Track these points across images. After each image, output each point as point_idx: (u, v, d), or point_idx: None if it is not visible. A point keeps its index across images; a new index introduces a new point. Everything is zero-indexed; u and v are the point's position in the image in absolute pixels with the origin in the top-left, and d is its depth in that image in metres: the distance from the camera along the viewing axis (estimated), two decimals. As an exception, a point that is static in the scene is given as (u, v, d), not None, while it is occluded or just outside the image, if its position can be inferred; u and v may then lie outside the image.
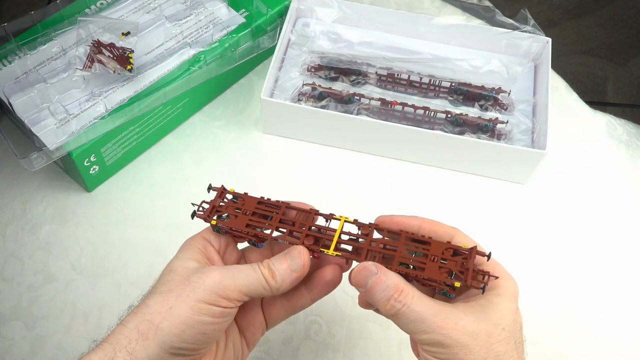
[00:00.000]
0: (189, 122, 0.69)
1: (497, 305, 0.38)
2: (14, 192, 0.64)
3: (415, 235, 0.42)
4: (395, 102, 0.66)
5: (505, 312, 0.38)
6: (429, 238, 0.41)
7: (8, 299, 0.58)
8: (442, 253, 0.40)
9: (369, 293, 0.39)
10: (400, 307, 0.37)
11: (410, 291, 0.38)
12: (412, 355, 0.42)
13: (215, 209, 0.43)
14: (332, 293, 0.43)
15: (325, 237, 0.42)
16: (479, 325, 0.37)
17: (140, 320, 0.37)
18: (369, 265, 0.39)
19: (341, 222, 0.43)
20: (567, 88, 0.74)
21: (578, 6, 1.61)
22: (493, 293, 0.39)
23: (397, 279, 0.38)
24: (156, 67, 0.63)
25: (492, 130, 0.65)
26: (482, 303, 0.38)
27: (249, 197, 0.44)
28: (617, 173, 0.68)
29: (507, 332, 0.37)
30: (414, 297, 0.37)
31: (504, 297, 0.38)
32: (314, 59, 0.70)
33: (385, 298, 0.38)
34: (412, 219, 0.43)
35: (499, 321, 0.37)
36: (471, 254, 0.39)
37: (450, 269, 0.39)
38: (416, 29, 0.72)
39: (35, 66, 0.61)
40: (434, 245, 0.40)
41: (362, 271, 0.39)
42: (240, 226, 0.42)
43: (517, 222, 0.64)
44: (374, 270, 0.39)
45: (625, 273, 0.62)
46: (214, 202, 0.44)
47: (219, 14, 0.68)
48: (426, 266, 0.39)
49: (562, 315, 0.59)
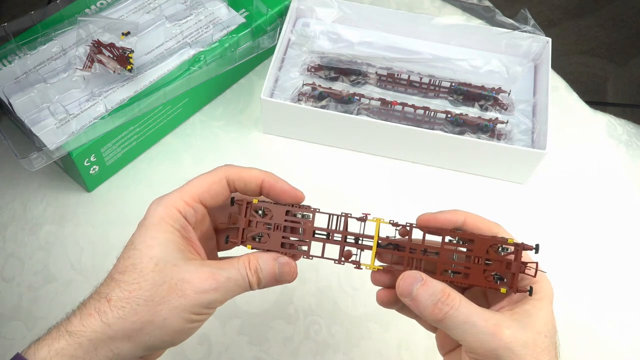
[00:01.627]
0: (189, 122, 0.69)
1: (540, 310, 0.37)
2: (14, 192, 0.64)
3: (458, 233, 0.40)
4: (395, 102, 0.66)
5: (547, 318, 0.37)
6: (471, 234, 0.40)
7: (8, 299, 0.58)
8: (487, 252, 0.39)
9: (415, 301, 0.38)
10: (448, 310, 0.36)
11: (457, 296, 0.37)
12: (412, 355, 0.42)
13: (245, 230, 0.40)
14: (332, 293, 0.43)
15: (362, 246, 0.41)
16: (526, 334, 0.36)
17: (130, 328, 0.35)
18: (414, 272, 0.38)
19: (377, 226, 0.41)
20: (567, 88, 0.74)
21: (578, 6, 1.61)
22: (535, 298, 0.38)
23: (443, 284, 0.38)
24: (156, 67, 0.63)
25: (492, 130, 0.65)
26: (527, 309, 0.37)
27: (275, 208, 0.41)
28: (617, 173, 0.68)
29: (549, 339, 0.37)
30: (462, 300, 0.37)
31: (544, 302, 0.38)
32: (314, 59, 0.70)
33: (432, 303, 0.37)
34: (455, 214, 0.41)
35: (542, 328, 0.37)
36: (517, 254, 0.38)
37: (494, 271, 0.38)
38: (416, 29, 0.72)
39: (35, 66, 0.61)
40: (478, 243, 0.39)
41: (407, 279, 0.38)
42: (276, 247, 0.40)
43: (517, 222, 0.64)
44: (419, 277, 0.38)
45: (625, 272, 0.62)
46: (242, 222, 0.40)
47: (219, 14, 0.68)
48: (470, 271, 0.39)
49: (562, 314, 0.59)
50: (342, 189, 0.66)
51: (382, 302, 0.43)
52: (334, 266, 0.60)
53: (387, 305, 0.43)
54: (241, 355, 0.56)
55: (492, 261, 0.39)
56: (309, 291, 0.59)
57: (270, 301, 0.58)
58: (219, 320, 0.57)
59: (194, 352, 0.56)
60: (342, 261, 0.41)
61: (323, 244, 0.41)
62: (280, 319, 0.58)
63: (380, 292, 0.42)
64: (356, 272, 0.60)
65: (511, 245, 0.39)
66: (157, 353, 0.39)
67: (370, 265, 0.41)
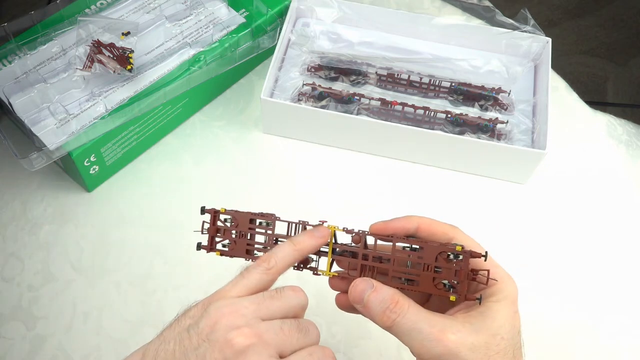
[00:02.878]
0: (189, 122, 0.69)
1: (497, 312, 0.38)
2: (14, 192, 0.64)
3: (407, 241, 0.41)
4: (395, 102, 0.66)
5: (504, 320, 0.37)
6: (420, 242, 0.40)
7: (8, 299, 0.58)
8: (436, 259, 0.39)
9: (367, 308, 0.38)
10: (395, 317, 0.37)
11: (405, 302, 0.38)
12: (412, 355, 0.42)
13: (214, 238, 0.43)
14: (332, 293, 0.42)
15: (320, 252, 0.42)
16: (477, 337, 0.36)
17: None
18: (365, 280, 0.39)
19: (331, 233, 0.42)
20: (567, 88, 0.74)
21: (578, 6, 1.61)
22: (492, 300, 0.38)
23: (393, 291, 0.38)
24: (156, 67, 0.63)
25: (492, 130, 0.65)
26: (482, 311, 0.38)
27: (240, 215, 0.43)
28: (617, 173, 0.68)
29: (506, 341, 0.37)
30: (410, 307, 0.37)
31: (502, 303, 0.38)
32: (314, 59, 0.70)
33: (381, 310, 0.38)
34: (408, 221, 0.42)
35: (498, 330, 0.37)
36: (465, 261, 0.38)
37: (444, 278, 0.39)
38: (416, 29, 0.72)
39: (35, 66, 0.61)
40: (427, 251, 0.39)
41: (359, 286, 0.39)
42: (241, 254, 0.42)
43: (517, 222, 0.64)
44: (370, 284, 0.39)
45: (625, 272, 0.62)
46: (211, 231, 0.43)
47: (219, 14, 0.68)
48: (420, 278, 0.39)
49: (562, 314, 0.59)
50: (342, 189, 0.66)
51: (341, 306, 0.43)
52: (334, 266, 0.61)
53: (346, 309, 0.43)
54: (241, 355, 0.56)
55: (442, 268, 0.39)
56: (309, 291, 0.59)
57: (270, 301, 0.58)
58: (219, 320, 0.57)
59: (194, 352, 0.56)
60: (300, 267, 0.42)
61: None
62: (280, 319, 0.58)
63: (338, 297, 0.43)
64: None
65: (460, 253, 0.39)
66: None
67: (326, 271, 0.42)
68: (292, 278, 0.60)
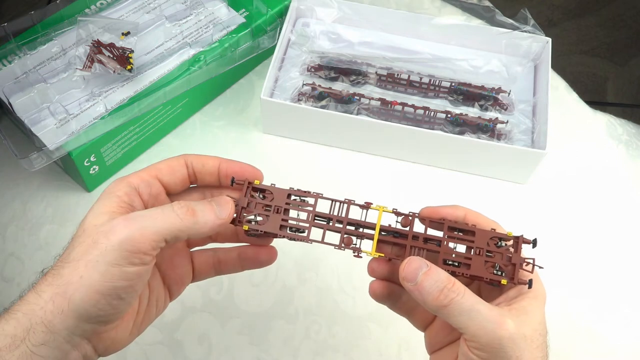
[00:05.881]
0: (189, 122, 0.69)
1: (535, 309, 0.38)
2: (14, 192, 0.64)
3: (460, 225, 0.40)
4: (395, 102, 0.66)
5: (541, 318, 0.38)
6: (473, 226, 0.40)
7: (8, 299, 0.57)
8: (487, 244, 0.39)
9: (419, 287, 0.37)
10: (454, 297, 0.36)
11: (461, 284, 0.37)
12: (412, 355, 0.42)
13: (242, 210, 0.40)
14: (332, 293, 0.43)
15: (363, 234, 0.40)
16: (527, 329, 0.36)
17: (55, 292, 0.34)
18: (419, 259, 0.38)
19: (379, 214, 0.41)
20: (567, 88, 0.74)
21: (578, 6, 1.61)
22: (530, 296, 0.38)
23: (447, 273, 0.38)
24: (156, 67, 0.63)
25: (492, 130, 0.65)
26: (524, 306, 0.38)
27: (277, 190, 0.40)
28: (617, 173, 0.68)
29: (542, 338, 0.37)
30: (466, 289, 0.37)
31: (539, 302, 0.38)
32: (314, 59, 0.70)
33: (437, 289, 0.37)
34: (456, 209, 0.42)
35: (538, 326, 0.37)
36: (518, 246, 0.39)
37: (495, 263, 0.39)
38: (416, 29, 0.72)
39: (35, 66, 0.61)
40: (479, 235, 0.40)
41: (413, 264, 0.38)
42: (274, 229, 0.39)
43: (517, 222, 0.64)
44: (424, 264, 0.38)
45: (625, 272, 0.62)
46: (240, 201, 0.40)
47: (219, 14, 0.68)
48: (471, 262, 0.39)
49: (563, 314, 0.59)
50: (342, 188, 0.65)
51: (375, 294, 0.42)
52: (334, 266, 0.61)
53: (379, 298, 0.43)
54: (241, 355, 0.56)
55: (493, 254, 0.39)
56: (309, 291, 0.59)
57: (270, 301, 0.58)
58: (219, 320, 0.57)
59: (194, 352, 0.56)
60: (342, 247, 0.40)
61: (324, 230, 0.41)
62: (280, 319, 0.58)
63: (374, 284, 0.42)
64: (356, 273, 0.60)
65: (510, 239, 0.39)
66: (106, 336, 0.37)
67: (372, 252, 0.40)
68: (292, 278, 0.60)
